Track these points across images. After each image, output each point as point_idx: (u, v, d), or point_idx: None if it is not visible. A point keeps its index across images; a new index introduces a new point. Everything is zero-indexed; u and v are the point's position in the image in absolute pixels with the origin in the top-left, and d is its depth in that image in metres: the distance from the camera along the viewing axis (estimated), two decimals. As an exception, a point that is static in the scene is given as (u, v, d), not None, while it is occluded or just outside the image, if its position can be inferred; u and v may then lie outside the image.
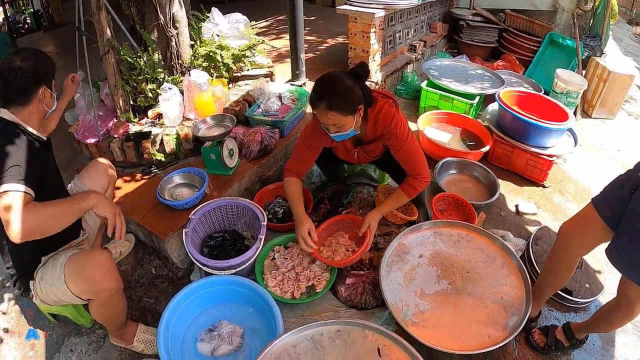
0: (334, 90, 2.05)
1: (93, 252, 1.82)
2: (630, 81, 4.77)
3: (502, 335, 2.08)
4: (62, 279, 1.79)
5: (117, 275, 1.86)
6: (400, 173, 2.55)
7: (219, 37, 3.56)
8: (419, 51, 5.26)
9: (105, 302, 1.88)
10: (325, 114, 2.07)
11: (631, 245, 1.68)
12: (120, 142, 2.90)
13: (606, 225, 1.81)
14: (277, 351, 1.85)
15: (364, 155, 2.56)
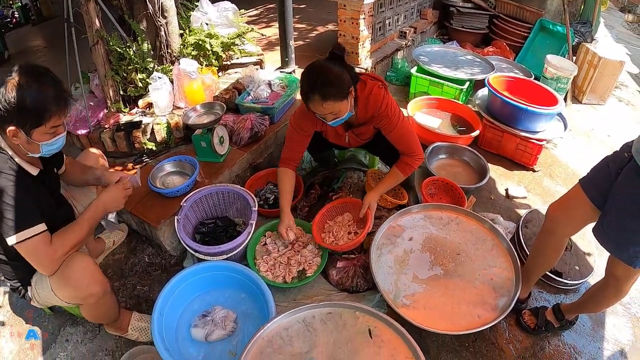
0: (325, 80, 2.07)
1: (74, 259, 1.77)
2: (620, 67, 4.77)
3: (492, 315, 2.11)
4: (49, 287, 1.80)
5: (101, 278, 1.85)
6: (391, 155, 2.58)
7: (208, 25, 3.55)
8: (409, 38, 5.25)
9: (94, 306, 1.89)
10: (321, 105, 2.09)
11: (617, 223, 1.71)
12: (111, 132, 2.90)
13: (593, 204, 1.85)
14: (269, 334, 1.87)
15: (354, 138, 2.58)
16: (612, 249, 1.80)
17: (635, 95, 5.57)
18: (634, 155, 1.62)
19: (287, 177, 2.52)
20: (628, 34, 8.57)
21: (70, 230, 1.75)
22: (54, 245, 1.67)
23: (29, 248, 1.63)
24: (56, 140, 1.72)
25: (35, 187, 1.75)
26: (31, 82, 1.57)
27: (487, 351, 2.25)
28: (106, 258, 2.62)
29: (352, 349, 1.84)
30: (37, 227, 1.63)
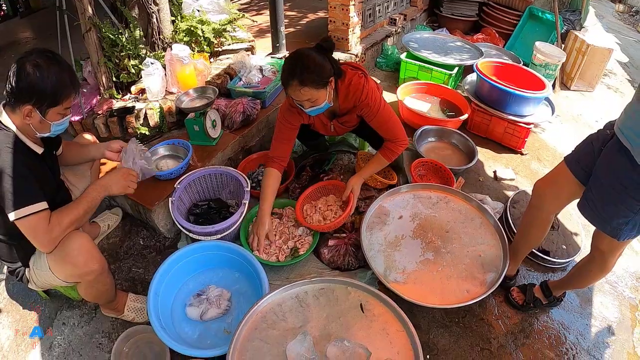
0: (305, 66, 2.09)
1: (72, 237, 1.79)
2: (608, 54, 4.82)
3: (480, 290, 2.16)
4: (47, 266, 1.81)
5: (99, 256, 1.87)
6: (378, 140, 2.62)
7: (199, 12, 3.56)
8: (399, 24, 5.27)
9: (92, 283, 1.90)
10: (299, 91, 2.11)
11: (601, 197, 1.76)
12: (104, 118, 2.91)
13: (577, 180, 1.90)
14: (263, 310, 1.92)
15: (340, 126, 2.62)
16: (597, 222, 1.85)
17: (624, 83, 5.63)
18: (616, 132, 1.67)
19: (272, 180, 2.50)
20: (618, 24, 8.63)
21: (69, 209, 1.77)
22: (52, 223, 1.69)
23: (29, 225, 1.65)
24: (65, 120, 1.79)
25: (39, 166, 1.78)
26: (51, 64, 1.63)
27: (477, 327, 2.30)
28: (101, 242, 2.64)
29: (344, 323, 1.89)
30: (39, 205, 1.65)
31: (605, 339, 2.36)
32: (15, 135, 1.68)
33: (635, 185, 1.60)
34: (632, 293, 2.64)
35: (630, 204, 1.65)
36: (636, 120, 1.58)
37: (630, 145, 1.59)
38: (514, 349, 2.23)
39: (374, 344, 1.81)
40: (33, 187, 1.67)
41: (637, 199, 1.62)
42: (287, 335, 1.82)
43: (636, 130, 1.57)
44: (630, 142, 1.58)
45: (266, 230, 2.44)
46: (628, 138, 1.60)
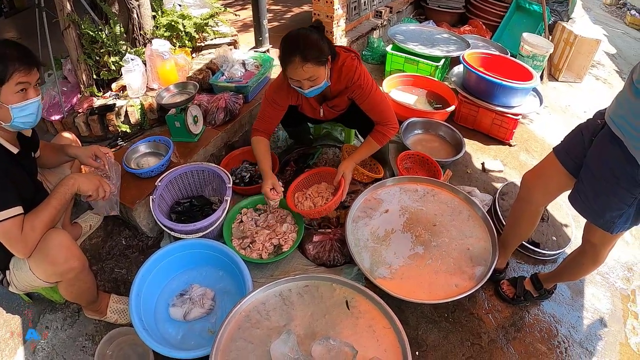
0: (307, 42, 2.09)
1: (50, 236, 1.74)
2: (596, 45, 4.84)
3: (469, 284, 2.14)
4: (27, 266, 1.77)
5: (79, 253, 1.82)
6: (367, 127, 2.59)
7: (180, 6, 3.52)
8: (385, 17, 5.23)
9: (73, 281, 1.86)
10: (301, 68, 2.08)
11: (593, 189, 1.73)
12: (84, 116, 2.86)
13: (567, 172, 1.87)
14: (246, 309, 1.89)
15: (329, 111, 2.58)
16: (589, 215, 1.82)
17: (611, 74, 5.66)
18: (608, 121, 1.64)
19: (262, 144, 2.49)
20: (606, 16, 8.68)
21: (40, 211, 1.71)
22: (25, 228, 1.64)
23: (3, 231, 1.59)
24: (26, 104, 1.66)
25: (14, 167, 1.72)
26: None
27: (467, 321, 2.28)
28: (83, 242, 2.58)
29: (330, 321, 1.86)
30: (13, 210, 1.59)
31: (597, 331, 2.36)
32: None
33: (628, 176, 1.56)
34: (624, 284, 2.64)
35: (624, 196, 1.62)
36: (628, 108, 1.54)
37: (622, 135, 1.55)
38: (505, 343, 2.21)
39: (361, 342, 1.77)
40: (7, 191, 1.61)
41: (630, 191, 1.59)
42: (272, 335, 1.78)
43: (628, 119, 1.53)
44: (623, 132, 1.55)
45: (270, 183, 2.38)
46: (620, 127, 1.56)
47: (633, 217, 1.69)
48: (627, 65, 6.13)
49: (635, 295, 2.59)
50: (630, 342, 2.34)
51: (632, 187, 1.57)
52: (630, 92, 1.52)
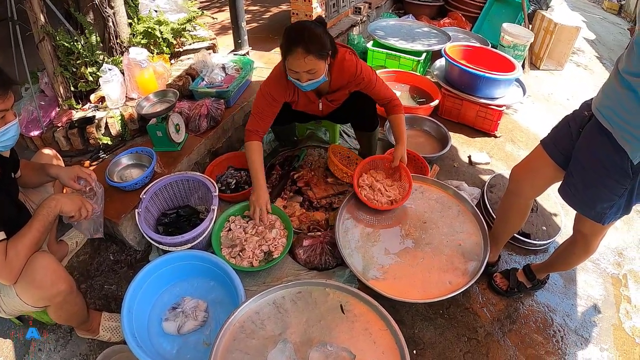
0: (311, 34, 2.10)
1: (35, 260, 1.70)
2: (576, 33, 4.92)
3: (463, 280, 2.15)
4: (14, 292, 1.73)
5: (65, 275, 1.79)
6: (362, 117, 2.70)
7: (157, 12, 3.46)
8: (364, 13, 5.23)
9: (61, 304, 1.83)
10: (303, 59, 2.10)
11: (582, 181, 1.73)
12: (64, 130, 2.80)
13: (556, 164, 1.87)
14: (240, 319, 1.87)
15: (328, 104, 2.60)
16: (580, 207, 1.83)
17: (592, 60, 5.74)
18: (595, 113, 1.63)
19: (257, 153, 2.46)
20: (583, 2, 8.82)
21: (23, 236, 1.67)
22: (9, 255, 1.60)
23: None
24: (8, 128, 1.63)
25: None
26: None
27: (462, 317, 2.29)
28: (71, 260, 2.54)
29: (325, 326, 1.84)
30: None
31: (591, 317, 2.39)
32: None
33: (618, 168, 1.56)
34: (615, 269, 2.68)
35: (614, 187, 1.62)
36: (615, 100, 1.53)
37: (610, 126, 1.55)
38: (501, 335, 2.23)
39: (358, 346, 1.76)
40: None
41: (620, 182, 1.59)
42: (268, 344, 1.76)
43: (615, 109, 1.52)
44: (610, 123, 1.54)
45: (266, 200, 2.40)
46: (607, 118, 1.56)
47: (624, 208, 1.69)
48: (607, 51, 6.21)
49: (627, 280, 2.62)
50: (625, 326, 2.37)
51: (622, 177, 1.57)
52: (617, 81, 1.52)
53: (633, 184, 1.58)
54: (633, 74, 1.43)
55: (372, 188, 2.56)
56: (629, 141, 1.49)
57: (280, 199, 2.79)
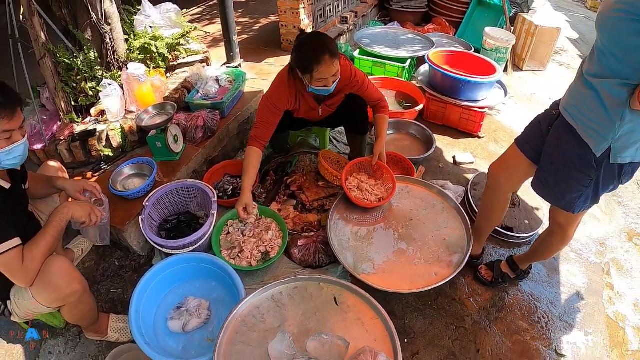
0: (328, 40, 2.30)
1: (50, 263, 1.80)
2: (557, 33, 5.03)
3: (448, 272, 2.27)
4: (30, 295, 1.81)
5: (79, 276, 1.88)
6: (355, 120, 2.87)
7: (152, 28, 3.58)
8: (351, 22, 5.34)
9: (76, 304, 1.91)
10: (332, 64, 2.26)
11: (552, 175, 1.88)
12: (66, 143, 2.91)
13: (529, 160, 2.02)
14: (242, 314, 1.98)
15: (326, 109, 2.76)
16: (551, 199, 1.97)
17: (575, 59, 5.85)
18: (562, 112, 1.79)
19: (253, 158, 2.55)
20: (567, 2, 8.93)
21: (38, 241, 1.76)
22: (25, 259, 1.69)
23: (5, 263, 1.64)
24: (13, 148, 1.67)
25: (7, 201, 1.77)
26: None
27: (450, 307, 2.40)
28: (77, 267, 2.60)
29: (321, 318, 1.96)
30: (12, 242, 1.64)
31: (575, 304, 2.49)
32: None
33: (583, 161, 1.71)
34: (598, 258, 2.79)
35: (581, 179, 1.76)
36: (579, 99, 1.69)
37: (575, 123, 1.70)
38: (488, 323, 2.34)
39: (351, 334, 1.88)
40: (4, 224, 1.66)
41: (586, 174, 1.73)
42: (268, 336, 1.88)
43: (580, 110, 1.68)
44: (575, 120, 1.70)
45: (244, 203, 2.47)
46: (573, 116, 1.71)
47: (592, 197, 1.82)
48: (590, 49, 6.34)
49: (609, 268, 2.73)
50: (608, 312, 2.47)
51: (587, 169, 1.72)
52: (581, 83, 1.68)
53: (598, 175, 1.72)
54: (594, 75, 1.60)
55: (359, 189, 2.68)
56: (592, 136, 1.64)
57: (275, 202, 2.92)
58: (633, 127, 1.55)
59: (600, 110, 1.59)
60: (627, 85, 1.48)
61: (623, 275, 2.72)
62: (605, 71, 1.55)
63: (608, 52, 1.52)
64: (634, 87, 1.46)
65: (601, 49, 1.55)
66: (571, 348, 2.27)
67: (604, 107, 1.57)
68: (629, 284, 2.66)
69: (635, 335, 2.37)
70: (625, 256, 2.85)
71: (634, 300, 2.56)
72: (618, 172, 1.70)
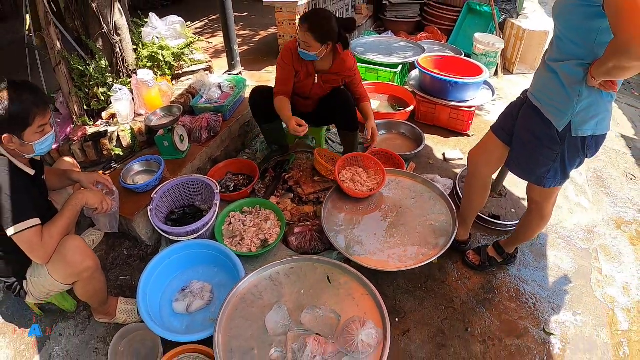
0: (320, 21, 2.65)
1: (66, 241, 1.95)
2: (545, 37, 5.19)
3: (434, 252, 2.43)
4: (45, 271, 1.98)
5: (92, 254, 2.05)
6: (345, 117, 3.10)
7: (158, 39, 3.79)
8: (346, 32, 5.52)
9: (89, 280, 2.07)
10: (303, 32, 2.64)
11: (523, 152, 2.09)
12: (79, 143, 3.07)
13: (503, 144, 2.23)
14: (241, 292, 2.16)
15: (321, 84, 3.01)
16: (524, 174, 2.16)
17: (565, 60, 5.99)
18: (529, 96, 2.01)
19: (285, 102, 2.95)
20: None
21: (56, 221, 1.94)
22: (44, 236, 1.87)
23: (26, 239, 1.81)
24: (46, 138, 1.94)
25: (32, 186, 1.96)
26: (11, 93, 1.79)
27: (439, 289, 2.54)
28: (89, 255, 2.79)
29: (315, 294, 2.14)
30: (33, 220, 1.82)
31: (563, 286, 2.60)
32: (8, 159, 1.86)
33: (548, 137, 1.91)
34: (585, 244, 2.90)
35: (547, 154, 1.96)
36: (542, 83, 1.92)
37: (539, 104, 1.92)
38: (476, 304, 2.46)
39: (343, 309, 2.06)
40: (28, 204, 1.84)
41: (552, 149, 1.93)
42: (265, 311, 2.05)
43: (543, 92, 1.90)
44: (540, 101, 1.92)
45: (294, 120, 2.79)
46: (537, 98, 1.93)
47: (560, 172, 2.01)
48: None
49: (597, 253, 2.84)
50: (597, 294, 2.57)
51: (552, 144, 1.92)
52: (543, 68, 1.91)
53: (562, 149, 1.91)
54: (554, 60, 1.82)
55: (352, 181, 2.86)
56: (554, 113, 1.85)
57: (273, 196, 3.10)
58: (590, 102, 1.76)
59: (560, 90, 1.80)
60: (583, 65, 1.69)
61: (611, 260, 2.81)
62: (563, 55, 1.77)
63: (565, 38, 1.74)
64: (588, 67, 1.67)
65: (559, 35, 1.77)
66: (560, 327, 2.36)
67: (563, 86, 1.78)
68: (618, 268, 2.75)
69: (624, 316, 2.45)
70: (614, 242, 2.94)
71: (622, 284, 2.64)
72: (581, 145, 1.88)
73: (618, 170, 3.71)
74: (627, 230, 3.05)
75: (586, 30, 1.63)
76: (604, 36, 1.57)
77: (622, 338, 2.35)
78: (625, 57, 1.40)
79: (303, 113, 3.15)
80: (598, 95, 1.75)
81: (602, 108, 1.79)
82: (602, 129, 1.85)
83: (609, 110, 1.83)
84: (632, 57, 1.38)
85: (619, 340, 2.34)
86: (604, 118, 1.82)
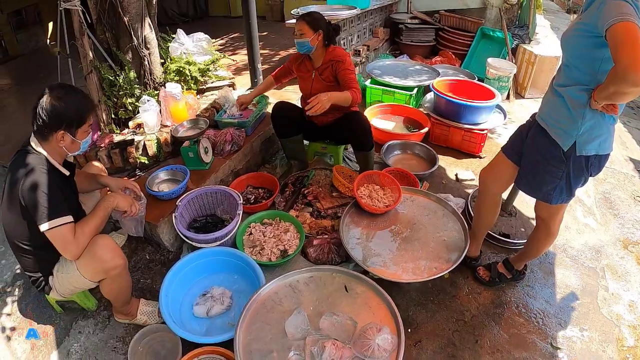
0: (312, 14, 3.07)
1: (97, 239, 2.04)
2: (556, 62, 5.30)
3: (447, 266, 2.51)
4: (74, 267, 2.07)
5: (122, 253, 2.14)
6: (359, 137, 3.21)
7: (185, 54, 3.95)
8: (363, 55, 5.63)
9: (116, 278, 2.15)
10: (298, 23, 3.01)
11: (531, 171, 2.22)
12: (106, 150, 3.20)
13: (513, 163, 2.36)
14: (262, 298, 2.24)
15: (319, 79, 3.19)
16: (531, 191, 2.29)
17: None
18: (537, 118, 2.16)
19: (270, 81, 3.52)
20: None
21: (88, 220, 2.04)
22: (77, 233, 1.96)
23: (59, 235, 1.91)
24: (90, 137, 2.09)
25: (66, 186, 2.07)
26: (68, 93, 1.94)
27: (450, 302, 2.61)
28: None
29: (332, 302, 2.22)
30: (66, 217, 1.92)
31: (570, 303, 2.66)
32: (46, 158, 1.97)
33: (554, 156, 2.05)
34: (592, 263, 2.96)
35: (554, 172, 2.09)
36: (549, 107, 2.08)
37: (546, 125, 2.06)
38: (486, 318, 2.53)
39: (359, 316, 2.13)
40: (62, 202, 1.94)
41: (558, 167, 2.07)
42: (284, 316, 2.13)
43: (550, 114, 2.06)
44: (547, 123, 2.07)
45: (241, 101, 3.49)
46: (545, 120, 2.09)
47: (566, 190, 2.13)
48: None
49: (604, 272, 2.89)
50: (603, 312, 2.61)
51: (558, 163, 2.05)
52: (551, 93, 2.07)
53: (568, 168, 2.04)
54: (561, 85, 1.98)
55: (369, 197, 2.96)
56: (560, 134, 1.99)
57: (293, 210, 3.20)
58: (593, 124, 1.90)
59: (566, 112, 1.95)
60: (587, 90, 1.86)
61: (618, 278, 2.86)
62: (569, 80, 1.93)
63: (571, 65, 1.90)
64: (592, 91, 1.82)
65: (566, 63, 1.94)
66: (567, 342, 2.41)
67: (569, 110, 1.93)
68: (624, 286, 2.80)
69: (630, 333, 2.50)
70: (620, 262, 2.99)
71: (628, 302, 2.69)
72: (585, 164, 2.02)
73: (626, 192, 3.79)
74: (634, 250, 3.11)
75: (590, 58, 1.80)
76: (606, 64, 1.73)
77: (628, 354, 2.40)
78: (624, 83, 1.55)
79: (317, 126, 3.35)
80: (601, 117, 1.89)
81: (605, 129, 1.94)
82: (604, 149, 1.98)
83: (610, 132, 1.97)
84: (629, 84, 1.53)
85: (625, 356, 2.39)
86: (607, 139, 1.97)
